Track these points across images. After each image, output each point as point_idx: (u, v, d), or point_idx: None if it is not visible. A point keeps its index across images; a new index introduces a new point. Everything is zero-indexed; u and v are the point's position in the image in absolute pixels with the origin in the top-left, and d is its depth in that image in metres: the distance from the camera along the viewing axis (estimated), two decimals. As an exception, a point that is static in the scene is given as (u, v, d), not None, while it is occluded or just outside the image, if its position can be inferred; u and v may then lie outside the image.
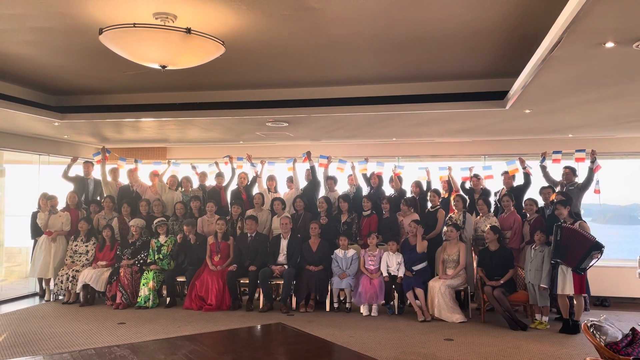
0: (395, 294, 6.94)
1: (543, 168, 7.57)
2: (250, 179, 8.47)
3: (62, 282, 7.56)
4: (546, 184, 7.34)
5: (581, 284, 6.00)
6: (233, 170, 8.58)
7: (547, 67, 4.27)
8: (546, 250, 6.28)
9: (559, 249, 6.04)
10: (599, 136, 8.29)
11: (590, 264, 6.00)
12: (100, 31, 4.05)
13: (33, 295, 8.27)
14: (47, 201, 7.96)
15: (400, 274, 6.84)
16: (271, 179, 8.40)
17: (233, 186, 8.50)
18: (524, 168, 7.49)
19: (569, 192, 7.05)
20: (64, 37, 4.78)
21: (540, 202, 7.09)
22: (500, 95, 6.02)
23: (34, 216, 8.02)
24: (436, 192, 7.62)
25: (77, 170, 8.80)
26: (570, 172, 7.30)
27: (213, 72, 6.00)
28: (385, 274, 6.90)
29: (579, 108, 6.08)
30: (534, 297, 6.29)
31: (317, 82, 6.46)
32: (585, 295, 6.39)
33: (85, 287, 7.40)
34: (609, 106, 5.98)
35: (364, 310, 6.86)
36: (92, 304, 7.44)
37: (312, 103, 6.63)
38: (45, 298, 7.84)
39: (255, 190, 8.27)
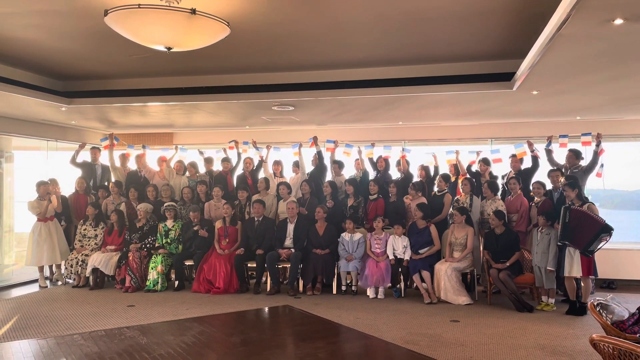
0: (402, 277, 6.97)
1: (548, 152, 7.50)
2: (255, 163, 8.49)
3: (71, 266, 7.65)
4: (554, 167, 7.29)
5: (589, 266, 5.97)
6: (239, 155, 8.60)
7: (554, 46, 4.23)
8: (553, 233, 6.26)
9: (567, 231, 5.99)
10: (606, 118, 8.22)
11: (599, 247, 5.96)
12: (106, 13, 4.06)
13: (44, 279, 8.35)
14: (40, 187, 7.85)
15: (406, 257, 6.86)
16: (277, 163, 8.42)
17: (239, 171, 8.53)
18: (532, 151, 7.44)
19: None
20: (70, 20, 4.79)
21: (549, 185, 7.05)
22: (507, 77, 5.97)
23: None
24: (444, 177, 7.58)
25: (85, 156, 8.87)
26: (573, 155, 7.20)
27: (219, 56, 6.00)
28: (391, 257, 6.93)
29: (587, 89, 6.02)
30: (541, 279, 6.29)
31: (324, 65, 6.44)
32: (593, 277, 6.37)
33: (95, 270, 7.49)
34: (617, 87, 5.92)
35: (370, 292, 6.90)
36: (102, 288, 7.54)
37: (319, 86, 6.61)
38: (41, 284, 7.77)
39: (261, 175, 8.29)
